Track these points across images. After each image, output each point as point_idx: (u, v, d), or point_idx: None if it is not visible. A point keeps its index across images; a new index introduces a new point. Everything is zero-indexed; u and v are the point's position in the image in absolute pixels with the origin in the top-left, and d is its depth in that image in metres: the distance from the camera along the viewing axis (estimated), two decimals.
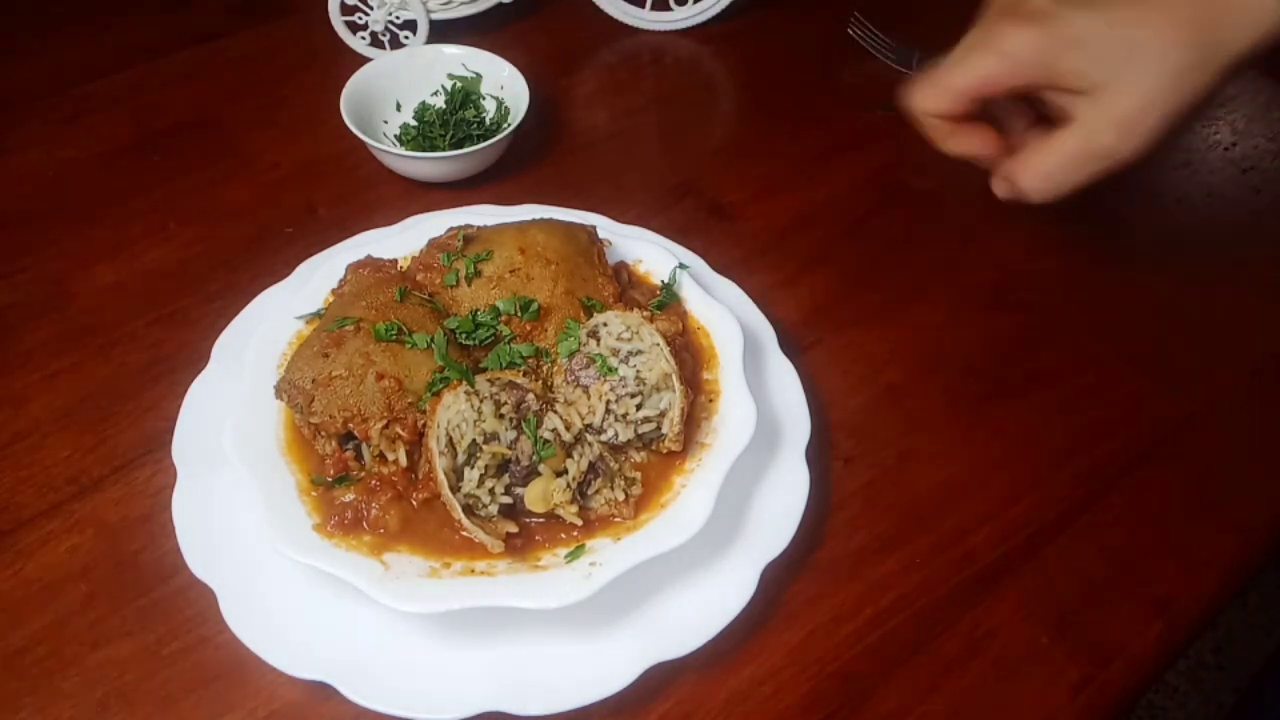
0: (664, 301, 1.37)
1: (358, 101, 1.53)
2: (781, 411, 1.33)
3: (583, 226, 1.53)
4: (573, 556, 1.10)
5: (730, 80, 1.48)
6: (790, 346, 1.35)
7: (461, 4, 1.74)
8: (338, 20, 1.69)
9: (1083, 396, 1.36)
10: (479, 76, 1.62)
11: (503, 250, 1.32)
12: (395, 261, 1.48)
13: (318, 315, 1.26)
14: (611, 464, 1.18)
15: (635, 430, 1.19)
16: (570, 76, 1.51)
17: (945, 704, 1.07)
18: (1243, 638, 2.85)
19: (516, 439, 1.15)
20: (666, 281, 1.36)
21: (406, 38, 1.71)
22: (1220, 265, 1.49)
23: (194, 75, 1.70)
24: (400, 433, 1.16)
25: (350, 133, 1.47)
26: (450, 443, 1.13)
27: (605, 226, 1.47)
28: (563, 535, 1.15)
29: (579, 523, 1.13)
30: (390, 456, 1.17)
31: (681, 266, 1.38)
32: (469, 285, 1.31)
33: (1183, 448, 1.29)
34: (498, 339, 1.28)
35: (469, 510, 1.11)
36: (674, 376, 1.19)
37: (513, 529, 1.13)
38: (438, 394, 1.16)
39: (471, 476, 1.13)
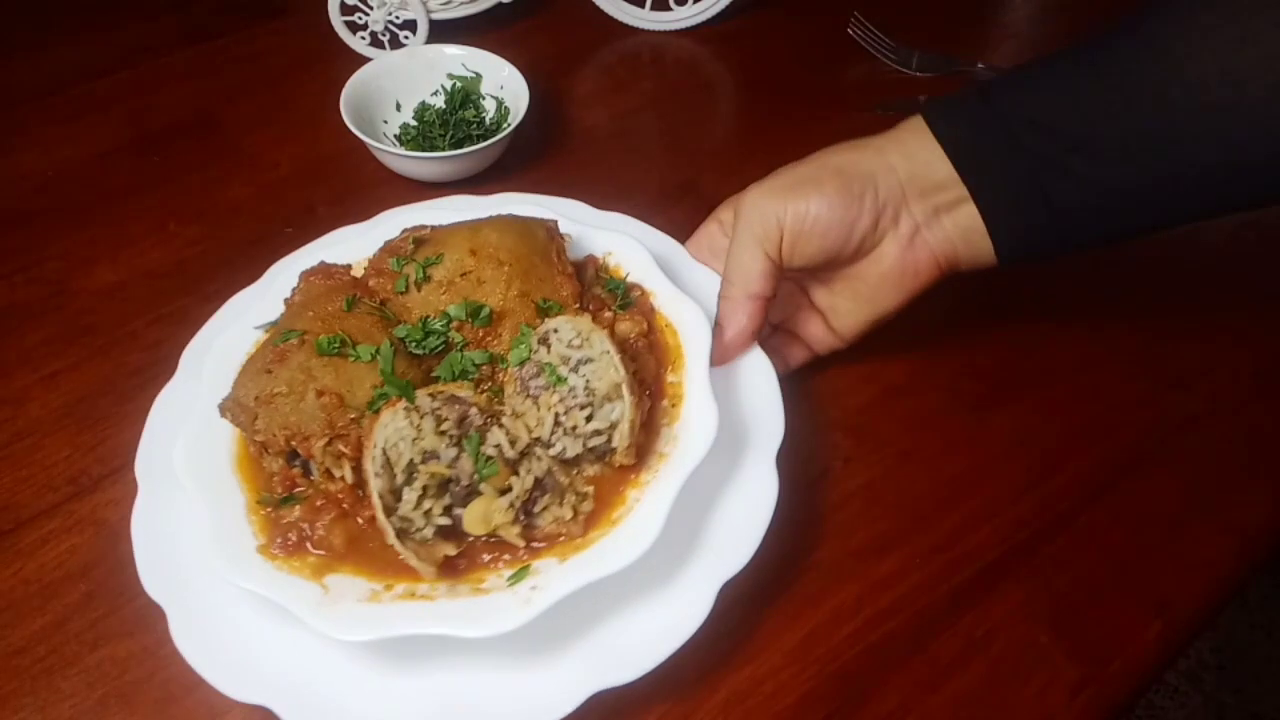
0: (628, 298, 1.34)
1: (358, 101, 1.59)
2: (754, 415, 1.28)
3: (541, 222, 1.49)
4: (515, 579, 1.10)
5: (730, 80, 1.50)
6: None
7: (461, 4, 1.82)
8: (338, 20, 1.76)
9: (1083, 396, 1.38)
10: (479, 76, 1.68)
11: (453, 252, 1.30)
12: (349, 267, 1.51)
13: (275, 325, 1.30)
14: (561, 479, 1.16)
15: (584, 444, 1.17)
16: (570, 76, 1.55)
17: (945, 704, 1.11)
18: (1243, 638, 2.94)
19: (457, 457, 1.14)
20: (629, 279, 1.33)
21: (406, 38, 1.78)
22: (1220, 266, 1.53)
23: (194, 75, 1.78)
24: (343, 450, 1.15)
25: (350, 133, 1.53)
26: (387, 462, 1.13)
27: (579, 216, 1.46)
28: (507, 556, 1.17)
29: (521, 544, 1.11)
30: (336, 473, 1.16)
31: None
32: (419, 291, 1.30)
33: (1183, 448, 1.32)
34: (449, 347, 1.27)
35: (403, 534, 1.13)
36: (624, 386, 1.18)
37: (450, 551, 1.14)
38: (377, 411, 1.18)
39: (409, 498, 1.14)
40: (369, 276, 1.44)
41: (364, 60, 1.65)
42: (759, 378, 1.33)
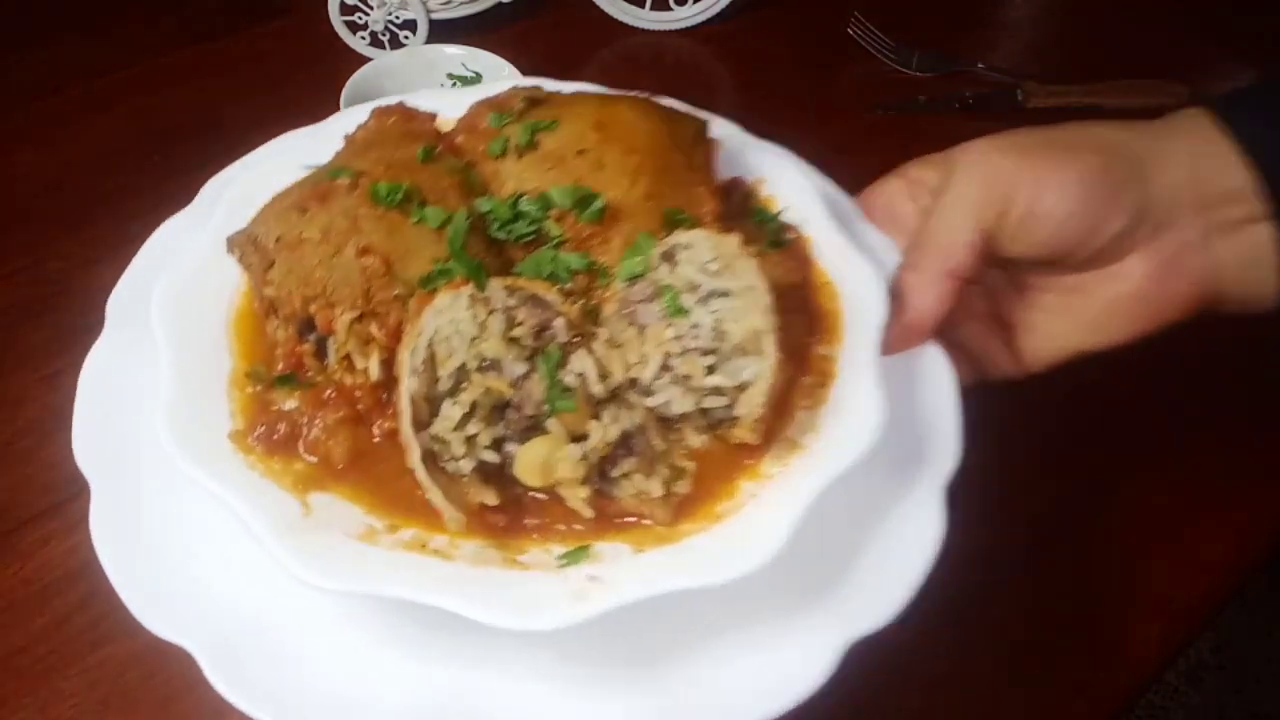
0: (781, 238, 1.15)
1: (358, 101, 1.50)
2: (921, 427, 1.07)
3: (690, 116, 1.19)
4: (569, 560, 0.88)
5: (730, 80, 1.55)
6: None
7: (461, 4, 1.79)
8: (338, 20, 1.74)
9: (1084, 395, 1.31)
10: (479, 76, 1.65)
11: (574, 122, 1.11)
12: (433, 116, 1.18)
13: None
14: (655, 441, 0.94)
15: (698, 402, 0.96)
16: (570, 76, 1.45)
17: (944, 701, 1.10)
18: (1243, 638, 2.91)
19: (525, 376, 0.94)
20: (784, 215, 1.18)
21: (406, 37, 1.76)
22: None
23: (194, 75, 1.78)
24: (374, 333, 0.96)
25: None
26: (431, 360, 0.93)
27: (732, 135, 1.28)
28: (563, 526, 0.92)
29: (589, 514, 0.90)
30: (359, 362, 0.98)
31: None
32: (519, 159, 1.10)
33: (1183, 448, 1.32)
34: (541, 239, 1.08)
35: (431, 458, 0.88)
36: (769, 338, 0.96)
37: (489, 500, 0.90)
38: (433, 290, 0.96)
39: (449, 413, 0.92)
40: (458, 132, 1.16)
41: (364, 60, 1.63)
42: (934, 381, 1.10)
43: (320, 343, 1.03)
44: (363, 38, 1.79)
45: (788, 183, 1.26)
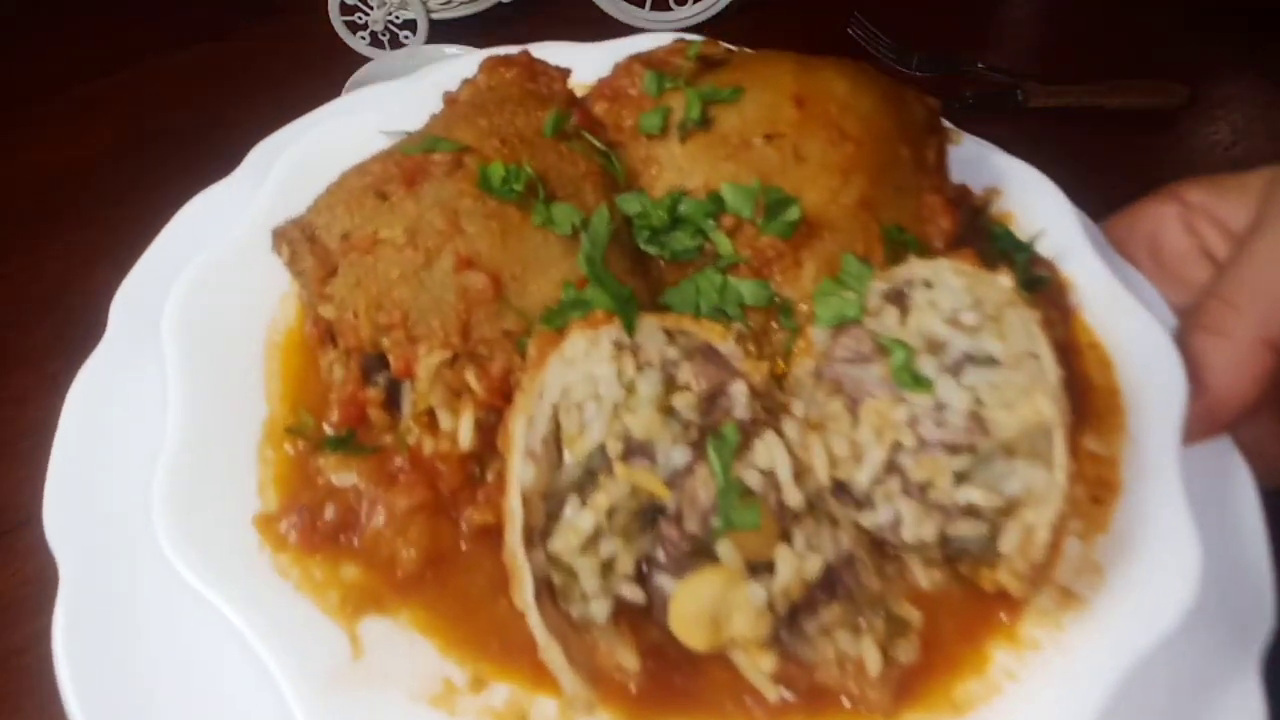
0: (1034, 276, 0.92)
1: None
2: (1220, 555, 0.82)
3: (919, 95, 0.87)
4: None
5: None
6: None
7: (461, 4, 1.84)
8: (337, 20, 1.78)
9: None
10: None
11: (764, 92, 0.86)
12: (566, 72, 0.87)
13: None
14: (867, 579, 0.71)
15: (941, 526, 0.71)
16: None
17: None
18: None
19: (688, 469, 0.69)
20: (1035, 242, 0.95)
21: (406, 37, 1.78)
22: None
23: (194, 75, 1.81)
24: (471, 383, 0.73)
25: None
26: (555, 435, 0.69)
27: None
28: (731, 704, 0.68)
29: (774, 696, 0.67)
30: (446, 423, 0.75)
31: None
32: (683, 141, 0.86)
33: None
34: (706, 256, 0.85)
35: (548, 593, 0.65)
36: (1059, 437, 0.71)
37: (630, 664, 0.66)
38: (560, 328, 0.73)
39: (578, 522, 0.67)
40: (599, 97, 0.86)
41: (364, 60, 1.65)
42: (1234, 498, 0.89)
43: (393, 388, 0.75)
44: (363, 38, 1.80)
45: (1038, 199, 0.94)
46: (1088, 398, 0.85)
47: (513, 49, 0.94)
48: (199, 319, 0.75)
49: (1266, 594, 0.83)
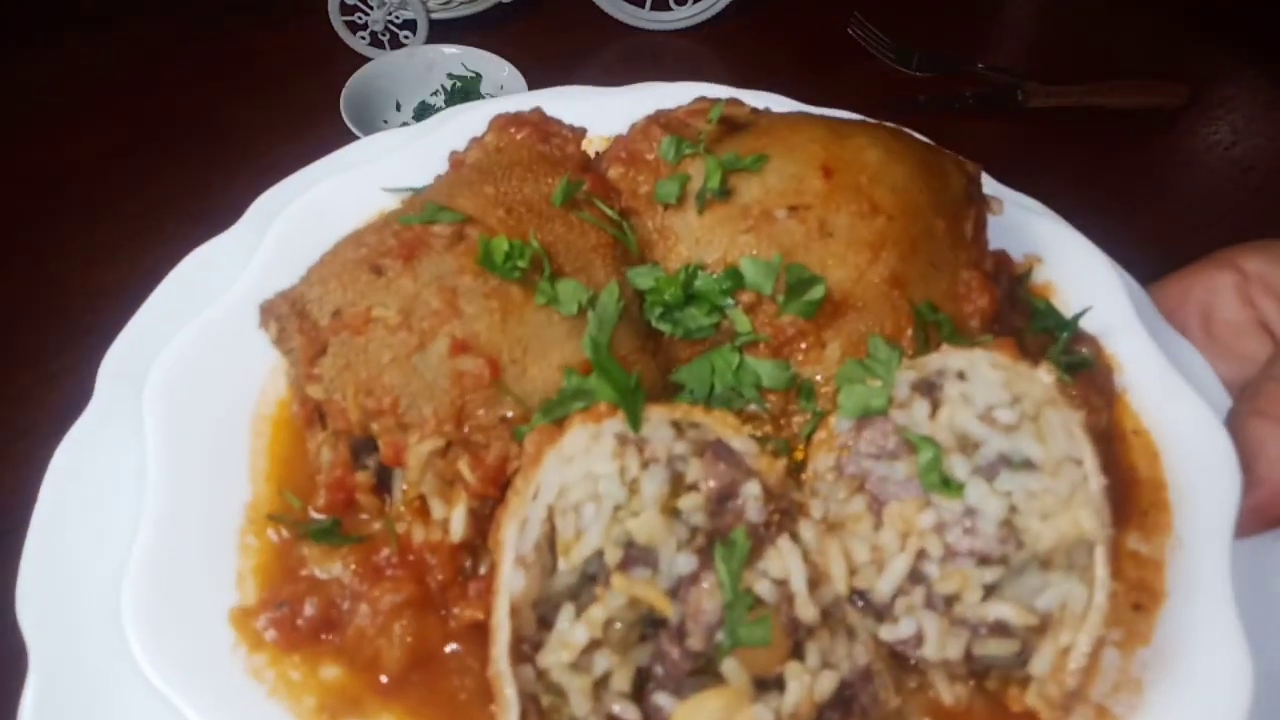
0: (1077, 357, 0.86)
1: (358, 101, 1.59)
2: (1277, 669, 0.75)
3: (958, 161, 0.82)
4: None
5: (730, 80, 1.33)
6: None
7: (461, 4, 1.87)
8: (338, 20, 1.80)
9: None
10: (478, 76, 1.68)
11: (789, 161, 0.82)
12: (580, 134, 0.83)
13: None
14: (886, 697, 0.66)
15: (968, 644, 0.66)
16: (570, 76, 1.45)
17: None
18: None
19: (693, 579, 0.64)
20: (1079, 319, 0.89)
21: (406, 37, 1.81)
22: None
23: (194, 75, 1.83)
24: (464, 472, 0.69)
25: (350, 132, 1.52)
26: (550, 538, 0.64)
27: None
28: None
29: None
30: (438, 512, 0.71)
31: None
32: (700, 212, 0.82)
33: None
34: (722, 334, 0.81)
35: (535, 712, 0.61)
36: (1100, 555, 0.66)
37: None
38: (560, 420, 0.69)
39: (570, 635, 0.62)
40: (611, 160, 0.81)
41: (364, 60, 1.69)
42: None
43: (383, 472, 0.70)
44: (363, 38, 1.82)
45: (1083, 268, 0.88)
46: (1131, 492, 0.82)
47: (525, 105, 0.89)
48: (183, 393, 0.72)
49: None
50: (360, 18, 1.82)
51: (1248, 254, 0.99)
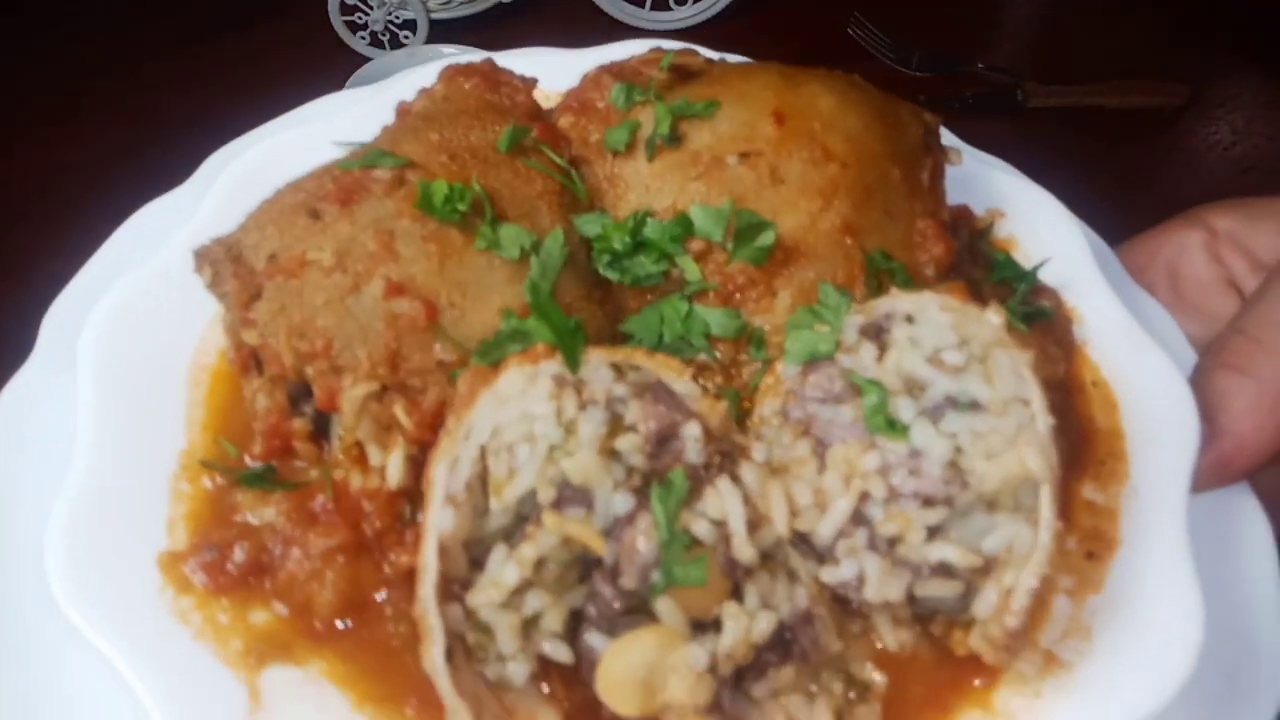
0: (1035, 308, 0.86)
1: None
2: (1231, 614, 0.77)
3: (915, 111, 0.82)
4: None
5: None
6: None
7: (461, 4, 1.87)
8: (337, 20, 1.81)
9: None
10: None
11: (741, 107, 0.81)
12: (530, 83, 0.83)
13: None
14: (827, 641, 0.65)
15: (910, 585, 0.65)
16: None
17: None
18: None
19: (629, 519, 0.63)
20: (1038, 269, 0.89)
21: (406, 37, 1.80)
22: None
23: (194, 75, 1.84)
24: (401, 418, 0.68)
25: None
26: (482, 479, 0.63)
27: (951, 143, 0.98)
28: None
29: None
30: (375, 458, 0.70)
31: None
32: (649, 159, 0.81)
33: None
34: (671, 283, 0.80)
35: (463, 652, 0.60)
36: (1046, 494, 0.65)
37: None
38: (497, 363, 0.68)
39: (500, 575, 0.61)
40: (564, 110, 0.80)
41: (364, 60, 1.70)
42: (1249, 555, 0.82)
43: (321, 420, 0.70)
44: (363, 38, 1.83)
45: (1045, 222, 0.88)
46: (1089, 442, 0.82)
47: (476, 56, 0.89)
48: (120, 341, 0.72)
49: (1278, 657, 0.77)
50: (360, 18, 1.82)
51: (1218, 212, 0.99)
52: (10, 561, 0.66)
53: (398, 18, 1.80)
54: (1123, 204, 1.50)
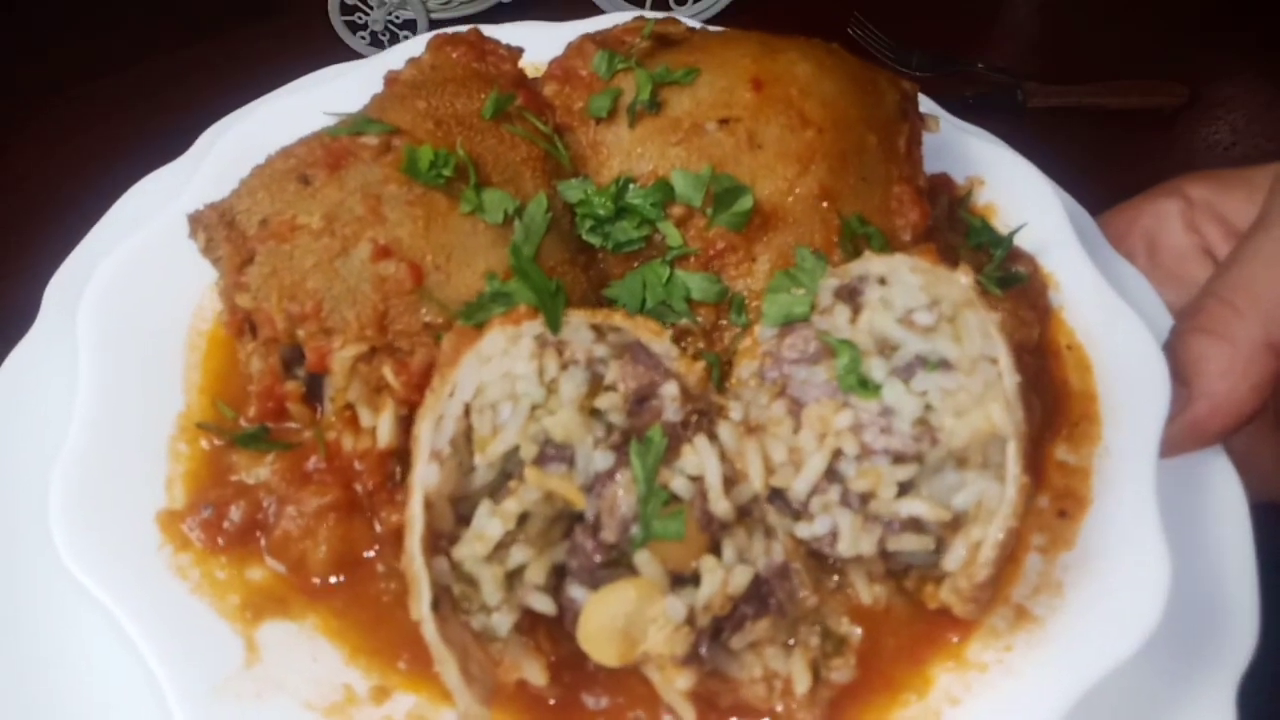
0: (1011, 273, 0.88)
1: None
2: (1201, 574, 0.80)
3: (893, 78, 0.84)
4: None
5: None
6: None
7: (461, 4, 1.85)
8: (337, 20, 1.80)
9: None
10: None
11: (720, 75, 0.83)
12: (516, 52, 0.85)
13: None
14: (803, 595, 0.68)
15: (881, 540, 0.68)
16: None
17: None
18: None
19: (609, 475, 0.66)
20: (1014, 235, 0.91)
21: (406, 37, 1.78)
22: None
23: (194, 75, 1.84)
24: (391, 379, 0.70)
25: None
26: (467, 436, 0.66)
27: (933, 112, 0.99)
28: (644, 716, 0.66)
29: (689, 715, 0.64)
30: (366, 420, 0.72)
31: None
32: (631, 126, 0.83)
33: None
34: (653, 248, 0.82)
35: (449, 603, 0.62)
36: (1013, 450, 0.67)
37: (536, 678, 0.64)
38: (481, 324, 0.70)
39: (485, 528, 0.64)
40: (548, 79, 0.84)
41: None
42: (1221, 516, 0.85)
43: (314, 382, 0.72)
44: (363, 38, 1.82)
45: (1023, 190, 0.90)
46: (1063, 404, 0.84)
47: (463, 28, 0.91)
48: (119, 306, 0.74)
49: (1247, 615, 0.79)
50: (360, 18, 1.81)
51: (1194, 182, 1.01)
52: (18, 526, 0.69)
53: (398, 17, 1.79)
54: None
